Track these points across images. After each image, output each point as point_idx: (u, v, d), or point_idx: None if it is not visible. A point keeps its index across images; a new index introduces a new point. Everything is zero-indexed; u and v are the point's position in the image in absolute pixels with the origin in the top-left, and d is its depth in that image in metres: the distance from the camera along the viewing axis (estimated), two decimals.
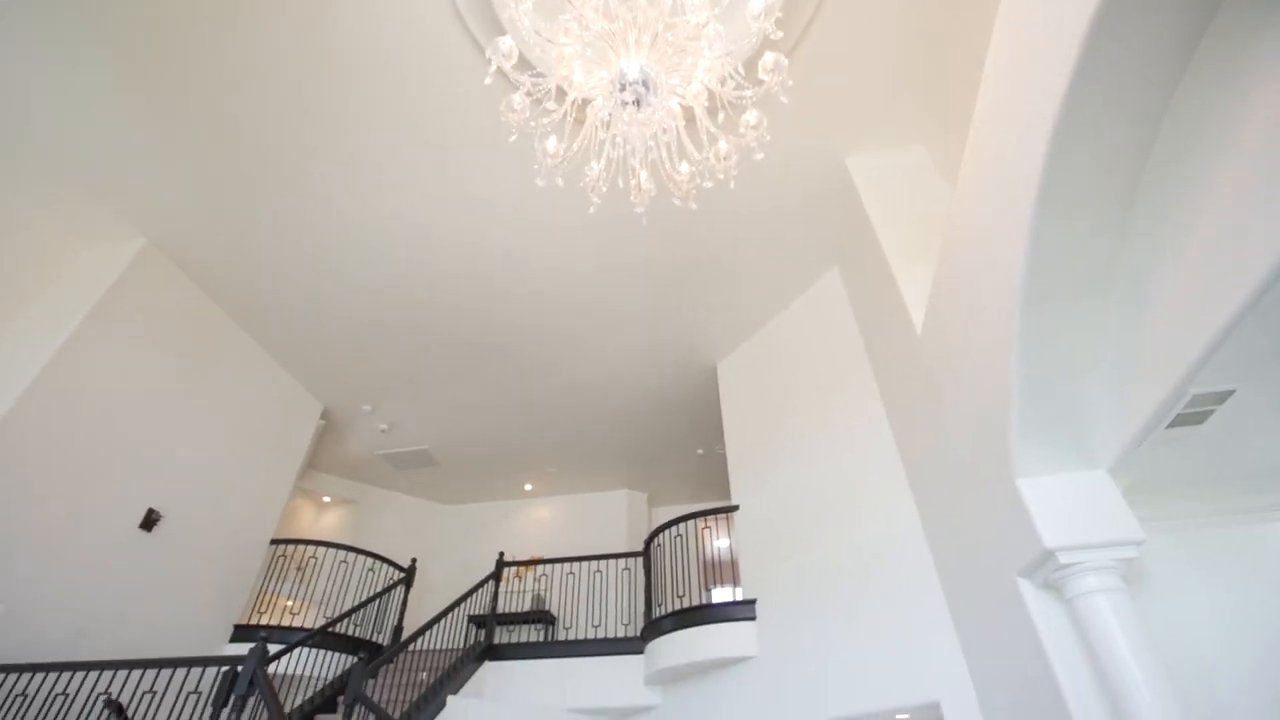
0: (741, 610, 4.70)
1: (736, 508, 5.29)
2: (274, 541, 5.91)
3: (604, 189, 2.60)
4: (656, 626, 5.05)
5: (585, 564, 6.76)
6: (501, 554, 6.42)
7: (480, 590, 6.22)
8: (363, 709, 4.02)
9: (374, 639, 5.94)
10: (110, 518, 4.48)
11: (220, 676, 3.09)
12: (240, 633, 5.31)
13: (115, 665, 3.42)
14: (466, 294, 5.45)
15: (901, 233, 4.06)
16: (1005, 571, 2.68)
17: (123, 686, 3.50)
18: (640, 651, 5.35)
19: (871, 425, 4.33)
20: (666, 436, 7.56)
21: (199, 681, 3.31)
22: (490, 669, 5.60)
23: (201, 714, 3.31)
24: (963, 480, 3.07)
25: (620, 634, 5.68)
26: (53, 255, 4.76)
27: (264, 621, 5.58)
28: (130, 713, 3.45)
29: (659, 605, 5.45)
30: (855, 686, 3.73)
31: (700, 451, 7.74)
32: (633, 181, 2.67)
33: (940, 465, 3.38)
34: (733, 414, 5.87)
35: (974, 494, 2.95)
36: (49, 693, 3.50)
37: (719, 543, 6.07)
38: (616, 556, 6.04)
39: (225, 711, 3.07)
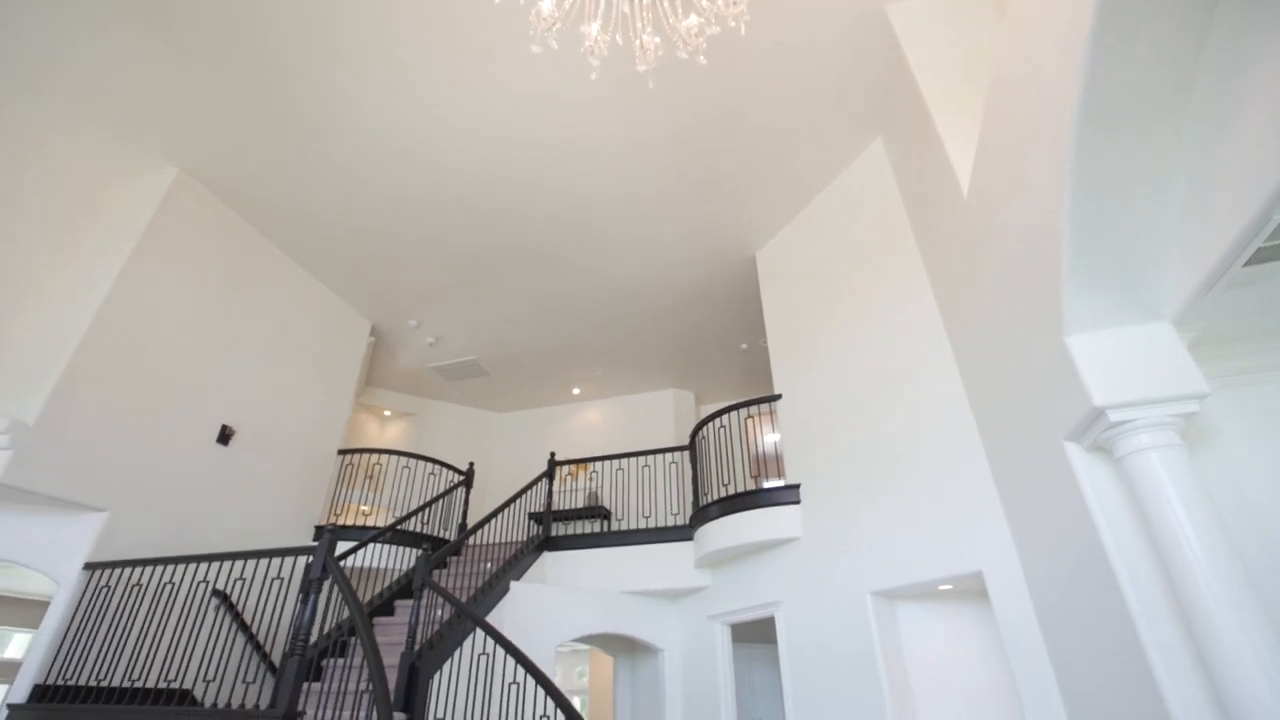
0: (786, 495, 4.76)
1: (779, 397, 5.25)
2: (341, 451, 6.31)
3: (605, 52, 2.39)
4: (704, 514, 5.20)
5: (634, 460, 6.98)
6: (553, 454, 6.67)
7: (536, 488, 6.54)
8: (431, 593, 4.37)
9: (441, 535, 6.38)
10: (189, 433, 4.84)
11: (296, 564, 3.38)
12: (320, 533, 5.81)
13: (211, 557, 3.79)
14: (496, 194, 5.33)
15: (950, 89, 3.66)
16: (1052, 436, 2.56)
17: (218, 575, 3.89)
18: (689, 538, 5.57)
19: (916, 302, 4.12)
20: (709, 333, 7.48)
21: (280, 569, 3.65)
22: (549, 559, 5.97)
23: (283, 596, 3.67)
24: (1009, 346, 2.90)
25: (670, 523, 5.89)
26: (88, 191, 4.89)
27: (341, 523, 6.06)
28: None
29: (705, 494, 5.60)
30: (898, 560, 3.78)
31: (744, 346, 7.65)
32: (636, 42, 2.45)
33: (986, 334, 3.19)
34: (773, 303, 5.72)
35: (1020, 359, 2.78)
36: (159, 582, 3.94)
37: (766, 438, 6.11)
38: (662, 451, 6.18)
39: (310, 596, 3.40)
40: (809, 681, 4.23)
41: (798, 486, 4.74)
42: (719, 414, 5.48)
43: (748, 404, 5.33)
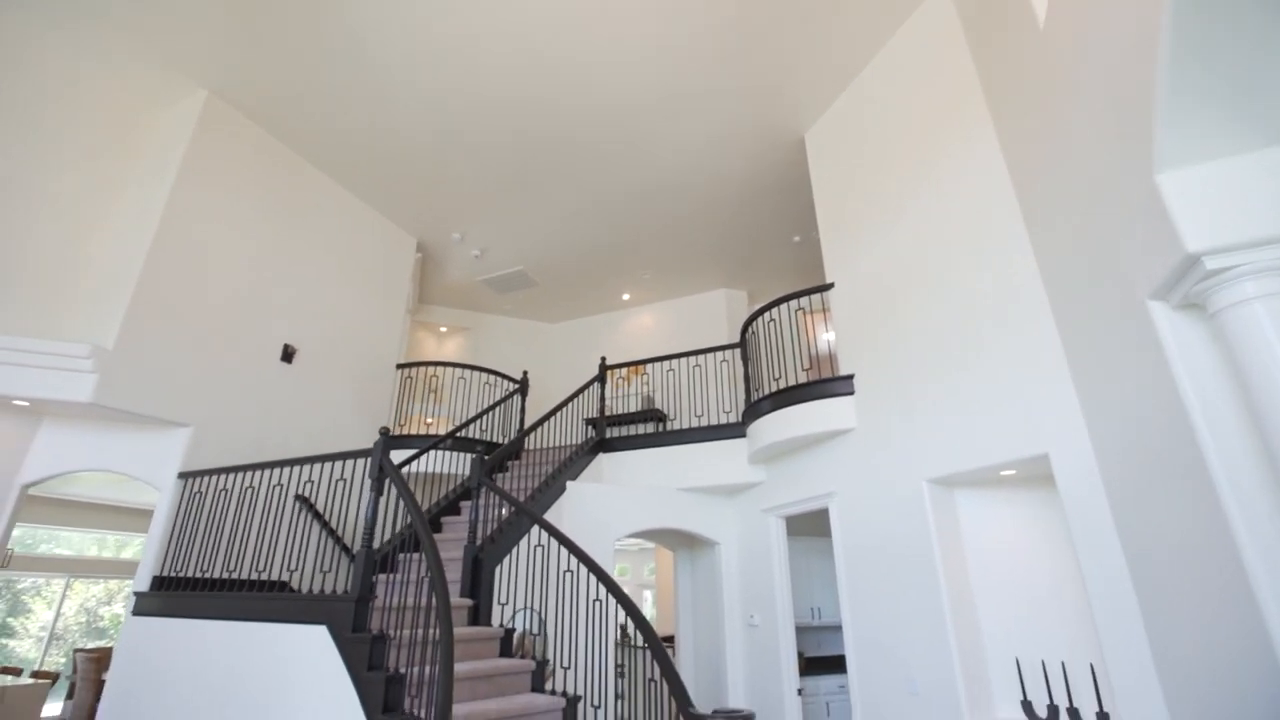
0: (839, 386, 4.58)
1: (830, 286, 4.96)
2: (400, 366, 6.54)
3: None
4: (756, 409, 5.11)
5: (685, 361, 6.92)
6: (603, 359, 6.68)
7: (590, 394, 6.62)
8: (491, 492, 4.56)
9: (500, 442, 6.61)
10: (254, 353, 5.10)
11: (357, 466, 3.55)
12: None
13: (282, 463, 4.06)
14: (526, 85, 5.03)
15: None
16: (1133, 296, 2.25)
17: (291, 479, 4.17)
18: (743, 435, 5.53)
19: (982, 164, 3.67)
20: (759, 226, 7.09)
21: (343, 470, 3.86)
22: (605, 460, 6.11)
23: (348, 495, 3.90)
24: (1086, 197, 2.52)
25: (723, 421, 5.86)
26: (128, 121, 4.97)
27: (406, 432, 6.37)
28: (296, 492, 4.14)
29: (757, 391, 5.49)
30: (956, 446, 3.59)
31: (796, 239, 7.23)
32: None
33: (1060, 187, 2.80)
34: (824, 185, 5.30)
35: (1099, 210, 2.42)
36: (242, 486, 4.26)
37: (821, 337, 5.86)
38: (713, 350, 6.06)
39: (376, 497, 3.59)
40: (863, 572, 4.22)
41: (851, 377, 4.54)
42: (769, 307, 5.26)
43: (798, 295, 5.07)
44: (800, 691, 4.78)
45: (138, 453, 4.51)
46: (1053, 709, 3.10)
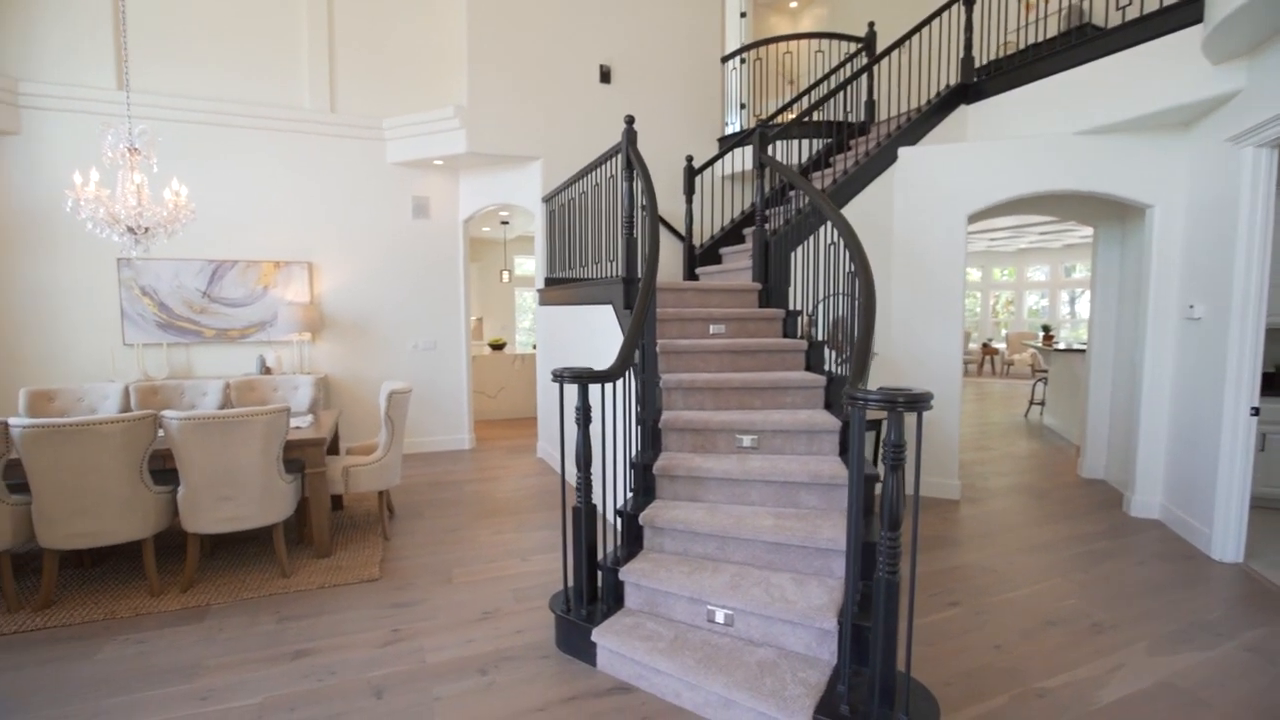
0: None
1: None
2: (724, 59, 5.99)
3: None
4: None
5: None
6: None
7: (950, 20, 4.80)
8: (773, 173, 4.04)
9: (848, 121, 5.59)
10: (577, 82, 5.48)
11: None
12: (720, 144, 5.96)
13: (584, 173, 4.42)
14: None
15: None
16: None
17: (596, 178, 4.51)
18: (1197, 20, 3.22)
19: None
20: None
21: (610, 168, 4.01)
22: (969, 113, 4.57)
23: (613, 191, 4.05)
24: None
25: (1164, 4, 3.48)
26: None
27: (745, 127, 6.01)
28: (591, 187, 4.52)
29: None
30: None
31: None
32: None
33: None
34: None
35: None
36: (569, 201, 4.89)
37: None
38: None
39: (629, 186, 3.66)
40: None
41: None
42: None
43: None
44: (1256, 411, 3.13)
45: (517, 187, 5.63)
46: None
